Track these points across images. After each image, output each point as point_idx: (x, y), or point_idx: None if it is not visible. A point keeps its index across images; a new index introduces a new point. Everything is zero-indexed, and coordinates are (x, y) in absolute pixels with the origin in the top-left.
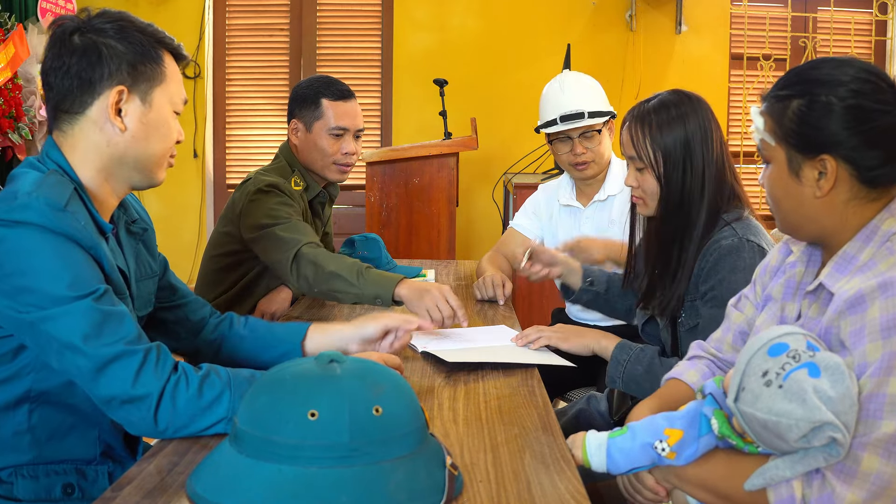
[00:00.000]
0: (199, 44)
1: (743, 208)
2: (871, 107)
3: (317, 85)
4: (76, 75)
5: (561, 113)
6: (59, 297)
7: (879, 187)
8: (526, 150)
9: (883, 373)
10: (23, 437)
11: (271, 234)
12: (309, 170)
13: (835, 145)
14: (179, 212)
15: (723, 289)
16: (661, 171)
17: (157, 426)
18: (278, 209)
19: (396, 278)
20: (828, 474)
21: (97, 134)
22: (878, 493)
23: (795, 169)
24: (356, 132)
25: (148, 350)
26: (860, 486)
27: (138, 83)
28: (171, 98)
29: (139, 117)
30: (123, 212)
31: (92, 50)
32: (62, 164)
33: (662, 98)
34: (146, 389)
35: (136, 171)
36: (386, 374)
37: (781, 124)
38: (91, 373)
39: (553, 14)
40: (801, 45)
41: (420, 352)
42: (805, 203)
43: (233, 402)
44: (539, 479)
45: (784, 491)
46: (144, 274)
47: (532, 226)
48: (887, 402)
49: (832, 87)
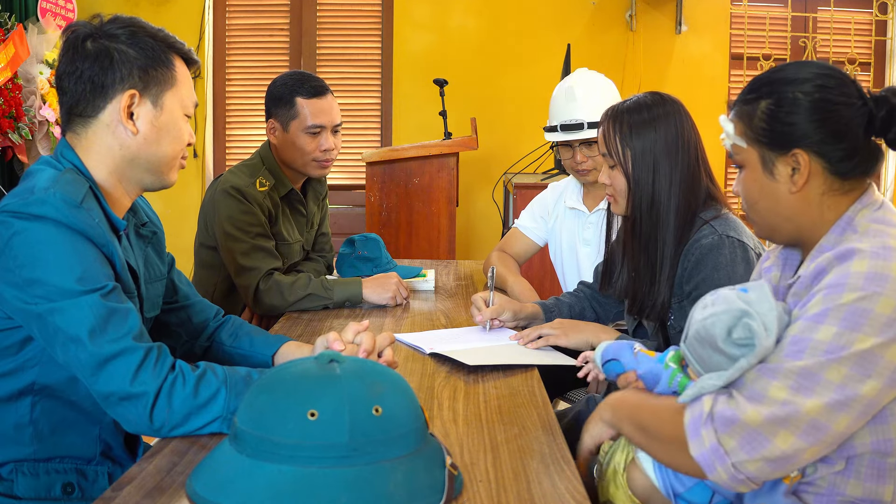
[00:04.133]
0: (199, 44)
1: (721, 207)
2: (835, 99)
3: (291, 83)
4: (89, 80)
5: (562, 121)
6: (67, 290)
7: (851, 179)
8: (526, 150)
9: (814, 320)
10: (24, 431)
11: (231, 258)
12: (288, 166)
13: (804, 139)
14: (179, 212)
15: (707, 287)
16: (629, 170)
17: (152, 424)
18: (239, 218)
19: (357, 280)
20: (735, 393)
21: (110, 137)
22: (780, 418)
23: (769, 167)
24: (333, 127)
25: (149, 349)
26: (764, 406)
27: (149, 87)
28: (181, 101)
29: (151, 120)
30: (133, 215)
31: (104, 55)
32: (77, 164)
33: (638, 99)
34: (144, 387)
35: (147, 173)
36: (386, 374)
37: (752, 125)
38: (92, 367)
39: (553, 14)
40: (801, 45)
41: (428, 353)
42: (781, 200)
43: (228, 401)
44: (539, 479)
45: (696, 408)
46: (153, 277)
47: (537, 228)
48: (810, 345)
49: (797, 84)
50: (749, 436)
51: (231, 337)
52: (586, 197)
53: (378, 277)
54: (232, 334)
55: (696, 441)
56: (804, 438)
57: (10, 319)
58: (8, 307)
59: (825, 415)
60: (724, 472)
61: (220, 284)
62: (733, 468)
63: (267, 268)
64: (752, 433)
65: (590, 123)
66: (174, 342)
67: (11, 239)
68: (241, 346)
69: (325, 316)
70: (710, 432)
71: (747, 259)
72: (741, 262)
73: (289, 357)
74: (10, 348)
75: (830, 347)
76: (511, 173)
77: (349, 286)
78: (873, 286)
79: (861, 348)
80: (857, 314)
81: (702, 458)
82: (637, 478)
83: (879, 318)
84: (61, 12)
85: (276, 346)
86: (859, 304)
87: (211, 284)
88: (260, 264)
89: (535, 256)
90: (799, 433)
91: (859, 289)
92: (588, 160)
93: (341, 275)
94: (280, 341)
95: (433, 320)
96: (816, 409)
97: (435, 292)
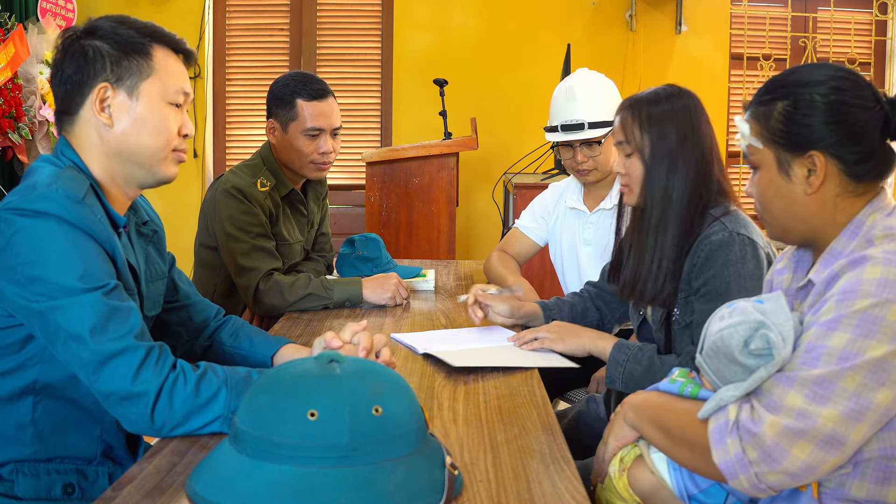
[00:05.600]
0: (199, 44)
1: (730, 203)
2: (852, 102)
3: (292, 84)
4: (69, 79)
5: (562, 121)
6: (69, 288)
7: (866, 181)
8: (526, 150)
9: (828, 327)
10: (25, 430)
11: (232, 258)
12: (287, 167)
13: (821, 140)
14: (179, 212)
15: (716, 283)
16: (647, 157)
17: (153, 423)
18: (240, 218)
19: (357, 280)
20: (755, 402)
21: (91, 132)
22: (797, 430)
23: (785, 168)
24: (332, 130)
25: (150, 348)
26: (782, 416)
27: (123, 78)
28: (163, 91)
29: (126, 112)
30: (133, 213)
31: (80, 54)
32: (77, 162)
33: (657, 90)
34: (145, 387)
35: (136, 167)
36: (386, 374)
37: (768, 126)
38: (93, 366)
39: (553, 14)
40: (801, 45)
41: (421, 353)
42: (796, 202)
43: (229, 401)
44: (539, 479)
45: (721, 416)
46: (154, 275)
47: (537, 228)
48: (825, 352)
49: (814, 85)
50: (769, 448)
51: (231, 337)
52: (587, 197)
53: (378, 277)
54: (232, 334)
55: (721, 449)
56: (823, 449)
57: (12, 317)
58: (9, 305)
59: (842, 425)
60: (746, 481)
61: (221, 284)
62: (756, 478)
63: (267, 268)
64: (773, 444)
65: (590, 124)
66: (175, 341)
67: (14, 236)
68: (240, 346)
69: (324, 316)
70: (736, 441)
71: (757, 256)
72: (751, 259)
73: (288, 359)
74: (12, 346)
75: (844, 354)
76: (511, 173)
77: (349, 286)
78: (886, 293)
79: (874, 356)
80: (869, 321)
81: (725, 466)
82: (642, 476)
83: (892, 325)
84: (61, 12)
85: (275, 347)
86: (872, 311)
87: (211, 284)
88: (260, 265)
89: (535, 256)
90: (817, 443)
91: (872, 295)
92: (589, 160)
93: (341, 275)
94: (280, 343)
95: (433, 320)
96: (833, 418)
97: (435, 292)
